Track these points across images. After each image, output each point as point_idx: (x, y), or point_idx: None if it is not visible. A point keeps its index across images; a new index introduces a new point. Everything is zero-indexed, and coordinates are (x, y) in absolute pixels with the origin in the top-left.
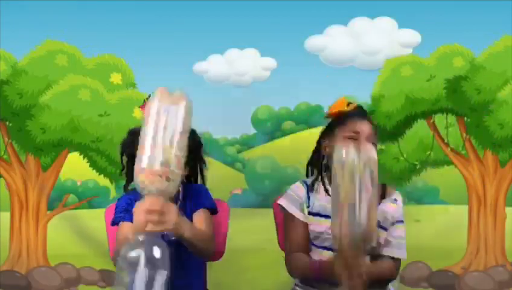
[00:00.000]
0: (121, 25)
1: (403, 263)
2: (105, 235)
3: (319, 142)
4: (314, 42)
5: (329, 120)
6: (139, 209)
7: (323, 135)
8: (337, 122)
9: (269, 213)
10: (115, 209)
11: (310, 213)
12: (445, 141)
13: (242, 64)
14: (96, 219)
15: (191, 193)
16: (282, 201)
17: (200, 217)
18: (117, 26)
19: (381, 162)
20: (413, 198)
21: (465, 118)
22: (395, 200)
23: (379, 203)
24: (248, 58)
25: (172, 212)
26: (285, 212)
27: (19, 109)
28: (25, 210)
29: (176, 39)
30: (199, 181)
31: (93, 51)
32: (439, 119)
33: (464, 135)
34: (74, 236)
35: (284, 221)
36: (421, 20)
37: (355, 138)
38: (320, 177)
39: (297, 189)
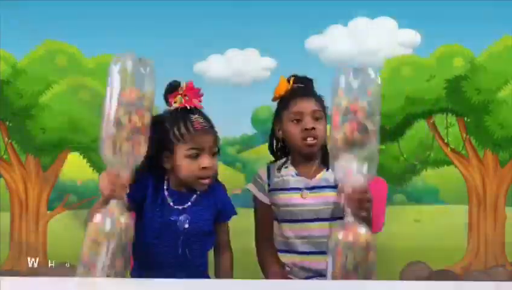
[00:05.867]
0: (121, 25)
1: (402, 262)
2: None
3: (272, 128)
4: (314, 42)
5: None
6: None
7: (274, 120)
8: (281, 106)
9: None
10: None
11: (269, 190)
12: (445, 141)
13: (242, 64)
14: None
15: (215, 194)
16: (249, 185)
17: (222, 233)
18: (117, 26)
19: (381, 162)
20: (413, 198)
21: (465, 118)
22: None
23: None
24: (248, 58)
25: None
26: (253, 196)
27: (19, 109)
28: (25, 210)
29: (176, 39)
30: None
31: (93, 51)
32: (439, 119)
33: (464, 135)
34: (74, 236)
35: (254, 203)
36: (421, 20)
37: (299, 119)
38: (287, 159)
39: (261, 173)
